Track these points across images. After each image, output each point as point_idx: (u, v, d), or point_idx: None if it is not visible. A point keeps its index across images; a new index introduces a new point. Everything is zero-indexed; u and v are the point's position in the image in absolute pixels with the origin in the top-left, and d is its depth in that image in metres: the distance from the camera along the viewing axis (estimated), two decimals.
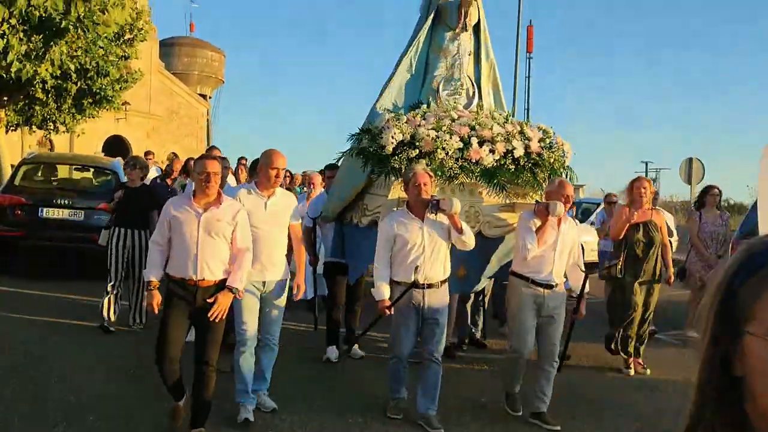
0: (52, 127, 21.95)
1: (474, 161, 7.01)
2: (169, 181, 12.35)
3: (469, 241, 6.34)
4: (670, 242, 8.77)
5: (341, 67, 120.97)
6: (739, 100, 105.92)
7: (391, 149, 6.90)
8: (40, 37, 13.94)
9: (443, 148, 6.89)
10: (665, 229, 8.62)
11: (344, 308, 8.56)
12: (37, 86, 16.92)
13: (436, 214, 6.27)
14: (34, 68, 14.43)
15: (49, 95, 18.80)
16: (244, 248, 5.74)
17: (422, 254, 6.22)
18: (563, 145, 7.51)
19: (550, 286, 6.70)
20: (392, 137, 6.90)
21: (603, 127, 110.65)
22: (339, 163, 7.96)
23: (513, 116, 7.81)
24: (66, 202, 12.69)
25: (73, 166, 16.49)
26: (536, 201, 7.04)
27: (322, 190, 9.34)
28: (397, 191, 6.97)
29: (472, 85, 8.10)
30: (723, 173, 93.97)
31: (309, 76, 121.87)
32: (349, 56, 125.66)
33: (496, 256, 7.42)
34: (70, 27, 13.95)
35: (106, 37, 16.42)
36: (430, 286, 6.30)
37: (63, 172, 16.38)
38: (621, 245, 8.37)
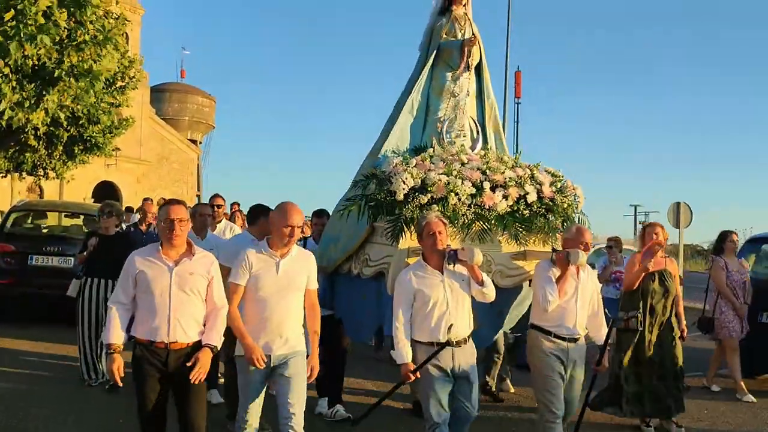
0: (42, 174, 21.53)
1: (487, 207, 6.45)
2: (143, 227, 11.57)
3: (490, 293, 5.78)
4: None
5: (333, 113, 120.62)
6: (728, 144, 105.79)
7: (402, 196, 6.31)
8: (33, 85, 13.77)
9: (456, 194, 6.32)
10: (678, 278, 7.96)
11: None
12: (29, 133, 16.75)
13: (454, 266, 5.70)
14: (26, 116, 14.21)
15: (41, 142, 18.61)
16: (219, 306, 5.00)
17: (446, 310, 5.62)
18: (575, 189, 6.99)
19: (573, 339, 6.19)
20: (403, 182, 6.32)
21: (592, 171, 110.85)
22: (340, 211, 7.20)
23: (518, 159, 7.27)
24: (56, 249, 12.35)
25: (63, 213, 16.21)
26: (553, 249, 6.54)
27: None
28: (407, 241, 6.36)
29: (476, 126, 7.59)
30: (710, 217, 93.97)
31: (300, 121, 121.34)
32: (341, 101, 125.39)
33: (515, 309, 6.91)
34: (63, 76, 13.82)
35: (97, 85, 15.76)
36: (458, 344, 5.68)
37: (53, 219, 16.20)
38: (636, 296, 7.66)
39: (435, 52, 7.58)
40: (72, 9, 13.25)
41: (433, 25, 7.77)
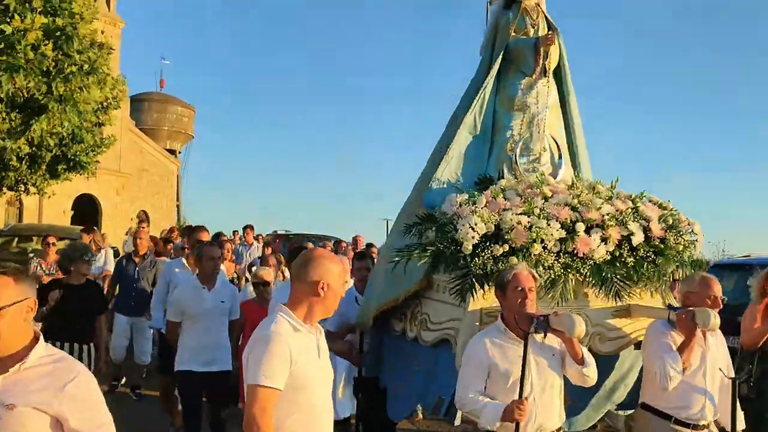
0: (23, 189, 20.33)
1: (581, 255, 4.91)
2: (137, 260, 9.75)
3: (592, 374, 4.45)
4: None
5: (318, 120, 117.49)
6: (701, 161, 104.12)
7: (470, 247, 4.80)
8: (22, 115, 13.94)
9: (541, 241, 4.84)
10: None
11: None
12: (12, 156, 16.37)
13: (544, 336, 4.30)
14: (14, 145, 14.54)
15: (23, 162, 18.02)
16: None
17: (530, 394, 4.22)
18: (693, 225, 5.38)
19: (701, 426, 4.73)
20: (472, 229, 4.79)
21: None
22: (390, 262, 5.48)
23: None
24: None
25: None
26: (669, 305, 4.88)
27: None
28: (478, 301, 4.93)
29: (557, 148, 6.02)
30: None
31: (284, 130, 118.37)
32: (327, 108, 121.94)
33: (622, 381, 5.32)
34: (51, 105, 13.95)
35: (84, 114, 16.45)
36: None
37: (38, 242, 15.52)
38: (754, 355, 5.98)
39: (501, 54, 6.03)
40: (60, 41, 13.41)
41: (498, 21, 6.26)
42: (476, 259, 4.76)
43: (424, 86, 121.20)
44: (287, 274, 10.58)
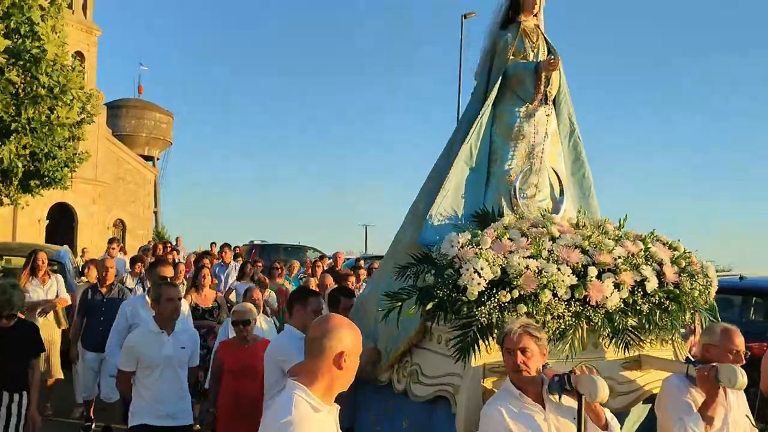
0: None
1: (593, 303, 4.34)
2: (103, 290, 9.01)
3: None
4: None
5: (296, 125, 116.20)
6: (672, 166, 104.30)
7: (476, 293, 4.23)
8: None
9: (552, 288, 4.27)
10: None
11: None
12: None
13: (560, 398, 3.83)
14: None
15: None
16: None
17: None
18: (707, 268, 4.95)
19: None
20: (477, 274, 4.22)
21: None
22: (381, 309, 4.86)
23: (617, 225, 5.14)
24: None
25: (17, 257, 14.71)
26: (687, 359, 4.41)
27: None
28: (482, 356, 4.35)
29: (558, 181, 5.49)
30: None
31: (264, 132, 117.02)
32: (308, 116, 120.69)
33: None
34: (19, 128, 14.10)
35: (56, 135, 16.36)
36: None
37: (7, 261, 14.83)
38: None
39: (499, 79, 5.48)
40: (27, 64, 13.47)
41: (495, 42, 5.67)
42: (481, 307, 4.21)
43: (410, 89, 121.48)
44: (270, 296, 10.13)
